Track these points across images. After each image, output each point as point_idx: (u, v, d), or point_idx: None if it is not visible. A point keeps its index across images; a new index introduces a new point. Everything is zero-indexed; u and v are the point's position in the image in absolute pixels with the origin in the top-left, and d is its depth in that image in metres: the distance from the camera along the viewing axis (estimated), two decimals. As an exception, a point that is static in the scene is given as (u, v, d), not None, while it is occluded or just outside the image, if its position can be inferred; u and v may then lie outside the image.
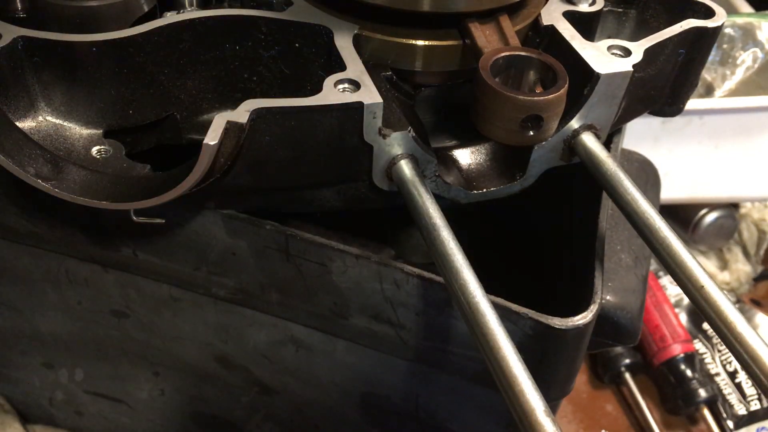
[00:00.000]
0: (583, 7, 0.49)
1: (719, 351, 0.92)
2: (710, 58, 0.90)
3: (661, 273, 0.99)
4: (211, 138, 0.37)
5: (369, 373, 0.56)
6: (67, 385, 0.70)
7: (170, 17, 0.44)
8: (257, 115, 0.38)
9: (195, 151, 0.37)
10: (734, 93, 0.99)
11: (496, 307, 0.37)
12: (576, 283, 0.51)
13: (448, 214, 0.40)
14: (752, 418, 0.88)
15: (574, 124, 0.45)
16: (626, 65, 0.44)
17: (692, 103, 0.86)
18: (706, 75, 0.99)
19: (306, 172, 0.43)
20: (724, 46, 0.99)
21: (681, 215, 1.03)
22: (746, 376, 0.89)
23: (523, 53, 0.43)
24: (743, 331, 0.36)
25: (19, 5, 0.45)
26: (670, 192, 0.92)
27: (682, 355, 0.89)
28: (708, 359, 0.92)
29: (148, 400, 0.69)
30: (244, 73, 0.47)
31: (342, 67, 0.42)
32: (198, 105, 0.48)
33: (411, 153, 0.42)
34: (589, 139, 0.45)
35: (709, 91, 0.99)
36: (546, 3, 0.49)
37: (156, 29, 0.43)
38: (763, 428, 0.87)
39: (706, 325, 0.95)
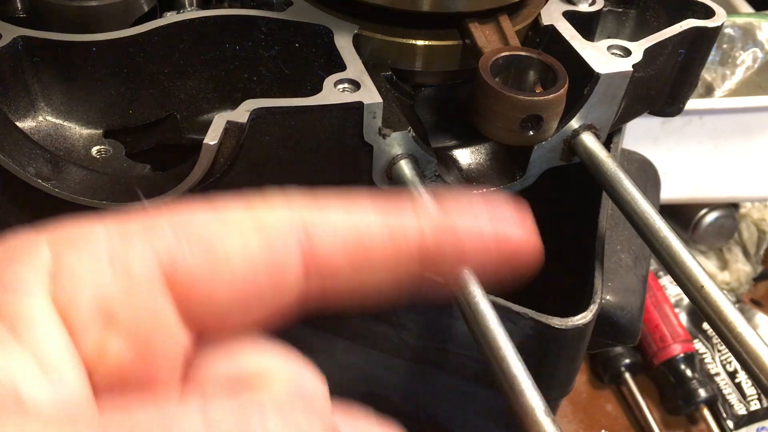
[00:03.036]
0: (583, 7, 0.49)
1: (719, 351, 0.92)
2: (710, 58, 0.90)
3: (661, 273, 0.99)
4: (211, 138, 0.37)
5: (369, 373, 0.55)
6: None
7: (170, 17, 0.44)
8: (257, 115, 0.38)
9: (195, 151, 0.37)
10: (734, 93, 0.98)
11: (496, 307, 0.37)
12: (576, 283, 0.51)
13: (448, 214, 0.40)
14: (752, 418, 0.88)
15: (574, 124, 0.45)
16: (626, 65, 0.44)
17: (692, 103, 0.86)
18: (706, 75, 0.99)
19: (306, 172, 0.43)
20: (724, 46, 0.99)
21: (681, 215, 1.03)
22: (746, 376, 0.89)
23: (523, 53, 0.43)
24: (743, 331, 0.36)
25: (19, 5, 0.45)
26: (670, 192, 0.92)
27: (682, 355, 0.89)
28: (708, 359, 0.92)
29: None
30: (244, 73, 0.47)
31: (342, 67, 0.42)
32: (198, 105, 0.48)
33: (411, 153, 0.42)
34: (589, 139, 0.45)
35: (709, 91, 0.99)
36: (546, 3, 0.49)
37: (156, 29, 0.43)
38: (763, 428, 0.87)
39: (706, 325, 0.94)
